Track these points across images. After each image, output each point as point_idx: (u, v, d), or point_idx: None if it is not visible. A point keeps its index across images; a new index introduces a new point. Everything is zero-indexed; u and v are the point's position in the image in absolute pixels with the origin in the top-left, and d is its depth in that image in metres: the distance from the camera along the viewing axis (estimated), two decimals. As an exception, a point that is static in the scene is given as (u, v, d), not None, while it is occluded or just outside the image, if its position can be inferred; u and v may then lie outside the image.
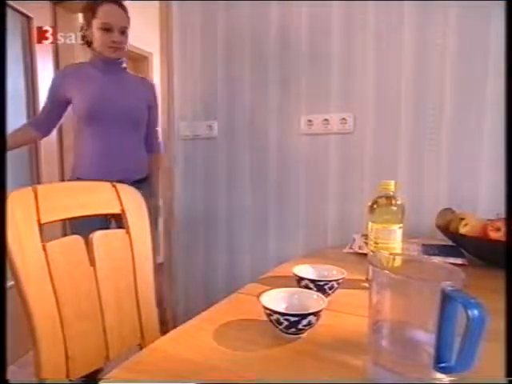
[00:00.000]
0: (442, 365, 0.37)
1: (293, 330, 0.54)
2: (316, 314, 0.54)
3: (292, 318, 0.53)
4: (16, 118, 1.74)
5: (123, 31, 1.33)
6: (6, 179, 0.77)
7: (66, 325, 0.74)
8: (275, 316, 0.54)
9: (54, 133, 1.98)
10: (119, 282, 0.87)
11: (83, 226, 0.88)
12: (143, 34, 2.92)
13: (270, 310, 0.54)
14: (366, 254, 0.93)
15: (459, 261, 0.91)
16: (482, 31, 1.15)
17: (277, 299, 0.58)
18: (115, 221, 1.24)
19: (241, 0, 1.53)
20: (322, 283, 0.68)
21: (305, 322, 0.53)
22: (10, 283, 0.73)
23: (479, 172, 1.19)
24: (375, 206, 0.77)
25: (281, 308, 0.56)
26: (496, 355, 0.46)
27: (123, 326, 0.86)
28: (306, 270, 0.73)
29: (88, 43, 1.38)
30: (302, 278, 0.70)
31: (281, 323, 0.53)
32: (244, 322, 0.61)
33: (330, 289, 0.68)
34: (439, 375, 0.38)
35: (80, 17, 1.35)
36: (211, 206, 1.68)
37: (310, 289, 0.66)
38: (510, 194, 0.73)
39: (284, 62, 1.48)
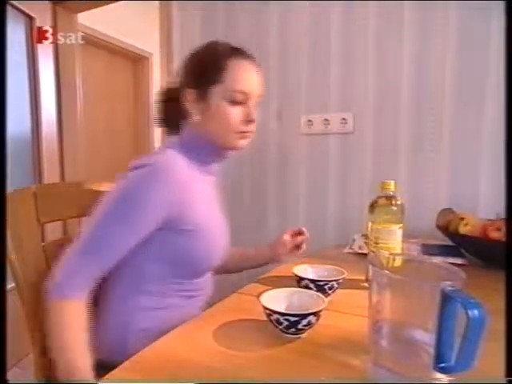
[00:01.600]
0: (442, 365, 0.37)
1: (293, 330, 0.54)
2: (316, 313, 0.54)
3: (292, 318, 0.53)
4: (19, 118, 1.75)
5: (255, 105, 0.78)
6: (6, 179, 0.77)
7: (66, 325, 0.74)
8: (275, 316, 0.54)
9: (55, 130, 2.00)
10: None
11: None
12: (143, 34, 2.94)
13: (270, 310, 0.54)
14: (366, 254, 0.93)
15: (459, 261, 0.91)
16: (482, 31, 1.15)
17: (277, 299, 0.58)
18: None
19: (241, 0, 1.54)
20: (321, 283, 0.68)
21: (305, 321, 0.53)
22: (10, 285, 0.73)
23: (479, 172, 1.19)
24: (375, 206, 0.77)
25: (281, 308, 0.56)
26: (496, 355, 0.45)
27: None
28: (305, 270, 0.73)
29: (189, 118, 0.77)
30: (302, 278, 0.70)
31: (281, 323, 0.53)
32: (244, 322, 0.61)
33: (330, 289, 0.68)
34: (439, 375, 0.38)
35: (181, 71, 0.80)
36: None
37: (310, 289, 0.66)
38: (510, 194, 0.73)
39: (284, 62, 1.48)
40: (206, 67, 0.75)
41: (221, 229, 0.82)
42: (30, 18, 1.76)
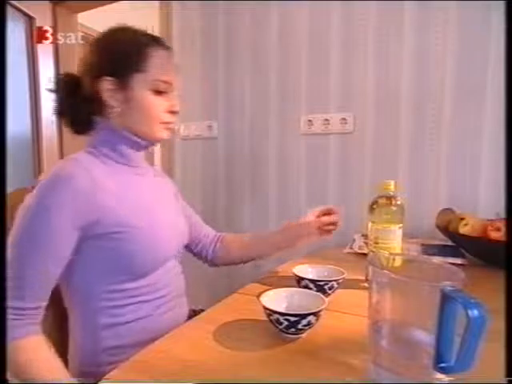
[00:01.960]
0: (442, 365, 0.37)
1: (293, 330, 0.54)
2: (316, 314, 0.54)
3: (292, 318, 0.53)
4: (19, 118, 1.75)
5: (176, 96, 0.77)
6: (6, 178, 0.77)
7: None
8: (275, 316, 0.54)
9: (55, 130, 1.99)
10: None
11: None
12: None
13: (270, 310, 0.54)
14: (366, 254, 0.93)
15: (459, 261, 0.91)
16: (482, 31, 1.15)
17: (277, 299, 0.58)
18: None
19: (241, 0, 1.54)
20: (321, 283, 0.68)
21: (305, 322, 0.53)
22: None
23: (479, 172, 1.19)
24: (375, 206, 0.77)
25: (281, 308, 0.56)
26: (496, 355, 0.45)
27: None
28: (305, 270, 0.74)
29: (110, 113, 0.71)
30: (302, 278, 0.70)
31: (281, 323, 0.53)
32: (244, 322, 0.61)
33: (330, 289, 0.68)
34: (439, 375, 0.38)
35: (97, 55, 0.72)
36: (211, 206, 1.68)
37: (310, 289, 0.67)
38: (510, 193, 0.73)
39: (284, 62, 1.48)
40: (128, 54, 0.69)
41: (165, 221, 0.75)
42: (30, 18, 1.76)
